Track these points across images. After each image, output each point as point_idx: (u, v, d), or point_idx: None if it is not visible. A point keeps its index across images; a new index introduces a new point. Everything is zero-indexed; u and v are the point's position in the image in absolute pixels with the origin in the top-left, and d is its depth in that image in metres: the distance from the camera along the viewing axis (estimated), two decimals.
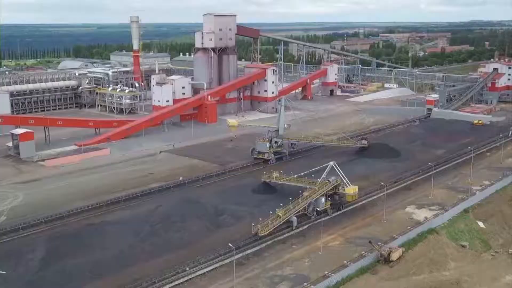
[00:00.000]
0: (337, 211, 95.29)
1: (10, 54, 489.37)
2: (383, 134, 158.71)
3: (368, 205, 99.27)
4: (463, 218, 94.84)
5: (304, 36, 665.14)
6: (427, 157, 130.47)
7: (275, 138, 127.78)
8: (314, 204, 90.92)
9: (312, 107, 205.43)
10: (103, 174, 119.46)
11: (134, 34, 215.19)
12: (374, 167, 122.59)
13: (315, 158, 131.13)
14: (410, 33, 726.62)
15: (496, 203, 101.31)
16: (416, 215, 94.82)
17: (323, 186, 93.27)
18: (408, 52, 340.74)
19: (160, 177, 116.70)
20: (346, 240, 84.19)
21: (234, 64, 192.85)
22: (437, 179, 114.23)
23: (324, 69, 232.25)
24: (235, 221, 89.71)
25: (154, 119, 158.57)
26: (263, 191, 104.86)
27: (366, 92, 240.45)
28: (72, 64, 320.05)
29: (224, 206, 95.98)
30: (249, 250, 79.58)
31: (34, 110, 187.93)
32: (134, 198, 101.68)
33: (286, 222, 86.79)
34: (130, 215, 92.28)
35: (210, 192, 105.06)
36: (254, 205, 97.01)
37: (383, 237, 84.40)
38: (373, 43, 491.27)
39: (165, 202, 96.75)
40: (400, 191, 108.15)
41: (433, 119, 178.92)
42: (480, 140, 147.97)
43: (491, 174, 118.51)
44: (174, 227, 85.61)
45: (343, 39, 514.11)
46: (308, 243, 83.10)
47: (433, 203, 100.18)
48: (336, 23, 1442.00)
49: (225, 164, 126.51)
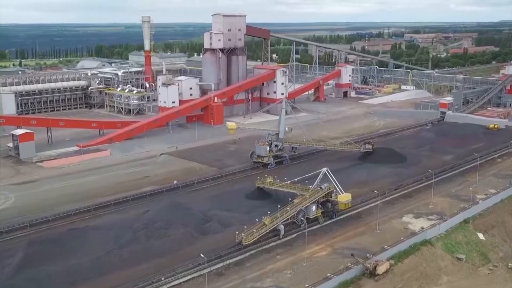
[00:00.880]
0: (329, 220, 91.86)
1: (33, 53, 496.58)
2: (392, 138, 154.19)
3: (364, 213, 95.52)
4: (462, 229, 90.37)
5: (327, 37, 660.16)
6: (434, 163, 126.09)
7: (275, 142, 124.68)
8: (304, 212, 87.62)
9: (323, 109, 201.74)
10: (100, 176, 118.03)
11: (146, 34, 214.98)
12: (376, 173, 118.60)
13: (317, 162, 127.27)
14: (436, 34, 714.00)
15: (499, 213, 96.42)
16: (412, 225, 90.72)
17: (314, 193, 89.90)
18: (429, 53, 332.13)
19: (155, 180, 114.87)
20: (334, 251, 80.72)
21: (243, 65, 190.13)
22: (440, 187, 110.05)
23: (337, 70, 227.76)
24: (221, 228, 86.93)
25: (159, 121, 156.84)
26: (256, 196, 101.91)
27: (381, 94, 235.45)
28: (89, 64, 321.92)
29: (214, 212, 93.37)
30: (230, 259, 76.80)
31: (44, 110, 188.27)
32: (124, 202, 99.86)
33: (274, 230, 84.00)
34: (116, 220, 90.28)
35: (202, 197, 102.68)
36: (245, 212, 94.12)
37: (374, 248, 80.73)
38: (395, 43, 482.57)
39: (153, 207, 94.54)
40: (399, 198, 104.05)
41: (446, 123, 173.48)
42: (492, 145, 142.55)
43: (499, 182, 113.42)
44: (157, 234, 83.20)
45: (364, 40, 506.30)
46: (294, 253, 79.92)
47: (432, 212, 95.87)
48: (363, 23, 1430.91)
49: (223, 167, 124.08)
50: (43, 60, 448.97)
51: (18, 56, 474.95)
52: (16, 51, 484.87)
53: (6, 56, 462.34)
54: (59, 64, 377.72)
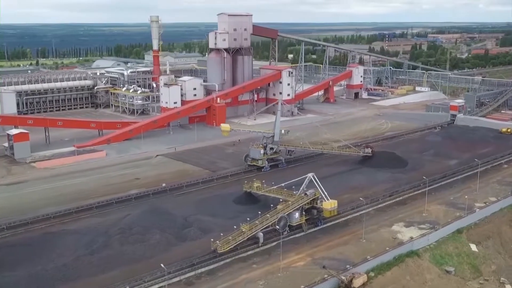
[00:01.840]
0: (314, 227, 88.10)
1: (54, 52, 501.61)
2: (397, 141, 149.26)
3: (352, 221, 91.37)
4: (454, 239, 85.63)
5: (348, 37, 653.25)
6: (436, 168, 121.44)
7: (270, 145, 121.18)
8: (287, 219, 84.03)
9: (332, 110, 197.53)
10: (90, 178, 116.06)
11: (154, 34, 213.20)
12: (373, 178, 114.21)
13: (314, 166, 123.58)
14: (461, 34, 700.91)
15: (496, 223, 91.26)
16: (401, 234, 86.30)
17: (298, 199, 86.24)
18: (447, 54, 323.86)
19: (145, 182, 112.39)
20: (313, 261, 76.92)
21: (249, 65, 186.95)
22: (438, 194, 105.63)
23: (348, 71, 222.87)
24: (201, 234, 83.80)
25: (158, 121, 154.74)
26: (244, 201, 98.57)
27: (394, 95, 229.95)
28: (105, 64, 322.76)
29: (197, 217, 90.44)
30: (202, 268, 73.73)
31: (49, 110, 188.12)
32: (107, 205, 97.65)
33: (254, 238, 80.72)
34: (95, 224, 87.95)
35: (187, 201, 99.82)
36: (229, 217, 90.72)
37: (356, 259, 76.76)
38: (415, 44, 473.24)
39: (135, 211, 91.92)
40: (393, 206, 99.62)
41: (456, 126, 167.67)
42: (501, 150, 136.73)
43: (501, 190, 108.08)
44: (132, 239, 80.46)
45: (384, 40, 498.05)
46: (271, 262, 76.37)
47: (425, 221, 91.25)
48: (390, 23, 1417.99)
49: (217, 170, 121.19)
50: (63, 60, 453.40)
51: (38, 55, 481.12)
52: (37, 50, 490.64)
53: (27, 55, 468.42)
54: (77, 63, 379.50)
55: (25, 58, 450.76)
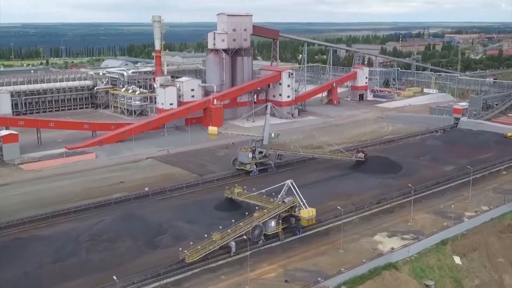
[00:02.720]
0: (292, 236, 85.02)
1: (67, 52, 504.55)
2: (395, 145, 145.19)
3: (334, 230, 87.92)
4: (437, 251, 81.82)
5: (364, 37, 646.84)
6: (431, 174, 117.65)
7: (259, 148, 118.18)
8: (262, 228, 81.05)
9: (334, 112, 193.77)
10: (74, 181, 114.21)
11: (156, 34, 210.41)
12: (364, 184, 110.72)
13: (304, 171, 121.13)
14: (478, 34, 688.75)
15: (484, 234, 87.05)
16: (382, 244, 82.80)
17: (275, 207, 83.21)
18: (458, 54, 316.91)
19: (129, 186, 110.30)
20: (285, 272, 73.87)
21: (249, 66, 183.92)
22: (429, 201, 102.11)
23: (353, 72, 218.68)
24: (174, 242, 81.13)
25: (153, 123, 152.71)
26: (225, 207, 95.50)
27: (400, 97, 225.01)
28: (113, 63, 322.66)
29: (173, 224, 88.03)
30: (168, 279, 71.19)
31: (49, 110, 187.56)
32: (86, 209, 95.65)
33: (227, 247, 78.02)
34: (67, 229, 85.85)
35: (167, 206, 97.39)
36: (207, 224, 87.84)
37: (329, 271, 73.57)
38: (428, 44, 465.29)
39: (110, 217, 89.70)
40: (379, 214, 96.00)
41: (459, 130, 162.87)
42: (502, 155, 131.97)
43: (495, 198, 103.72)
44: (101, 246, 78.23)
45: (398, 40, 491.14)
46: (241, 273, 73.43)
47: (409, 231, 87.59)
48: (409, 23, 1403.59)
49: (205, 174, 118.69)
50: (75, 59, 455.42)
51: (52, 55, 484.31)
52: (50, 49, 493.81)
53: (40, 54, 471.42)
54: (86, 63, 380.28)
55: (38, 57, 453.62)
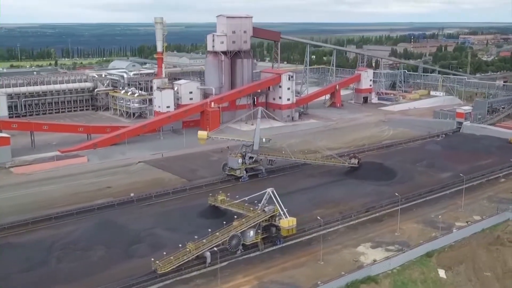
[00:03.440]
0: (273, 246, 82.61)
1: (79, 52, 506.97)
2: (393, 151, 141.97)
3: (317, 240, 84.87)
4: (422, 263, 78.80)
5: (377, 38, 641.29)
6: (426, 181, 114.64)
7: (249, 154, 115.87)
8: (240, 238, 78.79)
9: (336, 115, 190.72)
10: (62, 185, 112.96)
11: (158, 35, 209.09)
12: (355, 191, 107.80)
13: (296, 176, 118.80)
14: (494, 35, 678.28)
15: (472, 246, 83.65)
16: (365, 256, 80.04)
17: (255, 216, 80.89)
18: (468, 56, 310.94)
19: (116, 191, 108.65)
20: (259, 285, 71.54)
21: (249, 68, 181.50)
22: (420, 210, 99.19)
23: (357, 74, 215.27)
24: (150, 251, 79.00)
25: (148, 126, 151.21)
26: (209, 215, 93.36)
27: (406, 100, 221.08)
28: (120, 64, 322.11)
29: (152, 231, 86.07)
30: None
31: (49, 112, 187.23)
32: (68, 215, 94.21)
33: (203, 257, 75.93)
34: (45, 237, 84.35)
35: (150, 213, 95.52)
36: (188, 232, 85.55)
37: (305, 284, 71.06)
38: (440, 45, 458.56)
39: (89, 224, 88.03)
40: (366, 223, 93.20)
41: (461, 135, 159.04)
42: (503, 161, 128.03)
43: (490, 207, 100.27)
44: (72, 256, 76.59)
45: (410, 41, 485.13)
46: (214, 285, 71.32)
47: (395, 242, 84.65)
48: (426, 23, 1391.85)
49: (194, 179, 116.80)
50: (85, 59, 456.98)
51: (63, 55, 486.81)
52: (62, 50, 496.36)
53: (51, 55, 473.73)
54: (95, 64, 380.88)
55: (50, 58, 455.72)
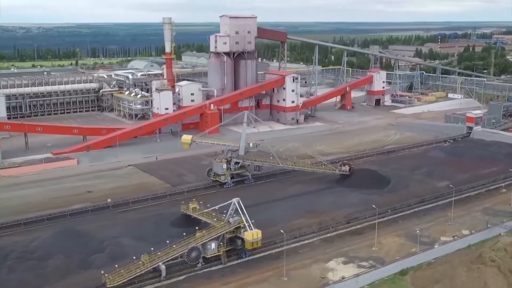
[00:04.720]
0: (238, 259, 78.47)
1: (104, 52, 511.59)
2: (393, 157, 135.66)
3: (286, 253, 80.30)
4: (394, 282, 73.33)
5: (407, 37, 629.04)
6: (420, 190, 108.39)
7: (235, 159, 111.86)
8: (200, 250, 74.92)
9: (344, 118, 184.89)
10: (46, 189, 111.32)
11: (167, 36, 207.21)
12: (342, 200, 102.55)
13: (284, 183, 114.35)
14: None
15: (453, 264, 77.52)
16: (334, 272, 75.02)
17: (218, 228, 76.92)
18: (491, 57, 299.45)
19: (95, 196, 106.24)
20: None
21: (253, 69, 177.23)
22: (406, 222, 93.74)
23: (369, 76, 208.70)
24: (109, 262, 75.55)
25: (143, 128, 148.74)
26: (181, 223, 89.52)
27: (420, 102, 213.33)
28: (138, 64, 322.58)
29: (117, 240, 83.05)
30: None
31: (54, 113, 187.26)
32: (39, 221, 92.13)
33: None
34: (8, 244, 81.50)
35: (122, 220, 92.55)
36: (156, 241, 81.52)
37: None
38: (467, 45, 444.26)
39: (53, 231, 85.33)
40: (345, 235, 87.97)
41: (470, 140, 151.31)
42: (508, 170, 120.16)
43: (482, 221, 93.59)
44: (27, 265, 73.96)
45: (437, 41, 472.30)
46: None
47: (370, 257, 79.36)
48: (463, 22, 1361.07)
49: (179, 184, 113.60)
50: (112, 59, 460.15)
51: (88, 55, 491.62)
52: (87, 50, 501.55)
53: (77, 55, 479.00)
54: (115, 64, 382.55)
55: (75, 58, 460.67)
